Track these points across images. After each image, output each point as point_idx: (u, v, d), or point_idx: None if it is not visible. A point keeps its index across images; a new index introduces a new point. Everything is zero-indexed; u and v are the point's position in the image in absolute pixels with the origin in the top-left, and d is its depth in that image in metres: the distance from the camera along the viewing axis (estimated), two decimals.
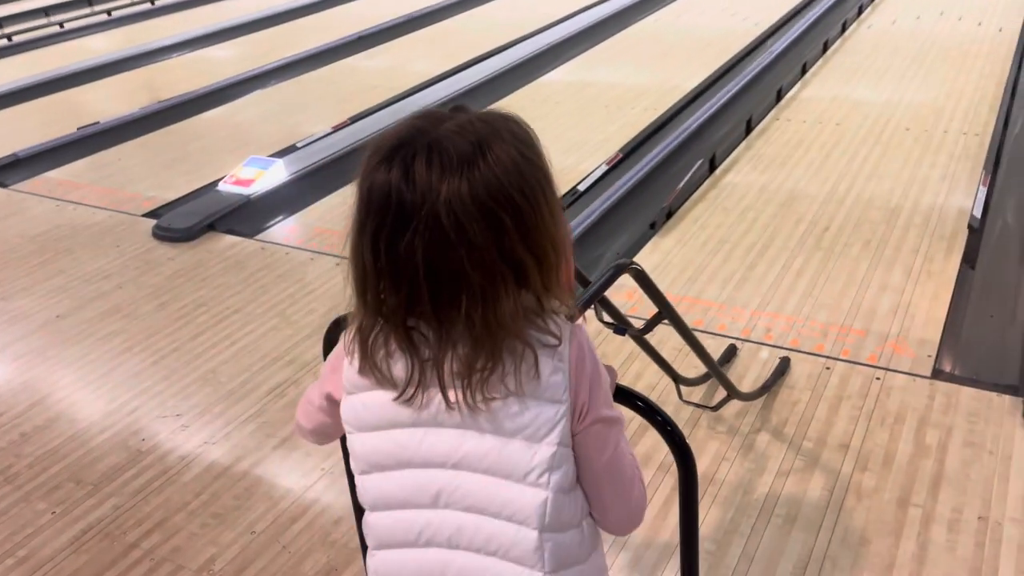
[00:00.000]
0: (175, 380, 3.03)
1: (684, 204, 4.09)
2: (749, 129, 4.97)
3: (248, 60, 7.43)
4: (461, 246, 0.93)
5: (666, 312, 2.11)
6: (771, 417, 2.60)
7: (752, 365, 2.85)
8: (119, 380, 3.05)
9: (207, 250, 4.03)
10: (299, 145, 5.29)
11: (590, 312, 1.81)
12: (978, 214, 3.63)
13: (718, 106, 5.41)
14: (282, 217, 4.37)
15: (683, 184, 4.17)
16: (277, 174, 4.72)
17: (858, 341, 2.95)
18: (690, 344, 2.33)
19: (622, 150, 4.75)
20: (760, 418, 2.61)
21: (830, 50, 6.45)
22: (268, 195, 4.56)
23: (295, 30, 8.74)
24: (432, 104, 5.79)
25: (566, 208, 3.93)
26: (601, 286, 1.74)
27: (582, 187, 4.35)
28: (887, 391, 2.69)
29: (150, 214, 4.47)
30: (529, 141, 0.99)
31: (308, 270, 3.77)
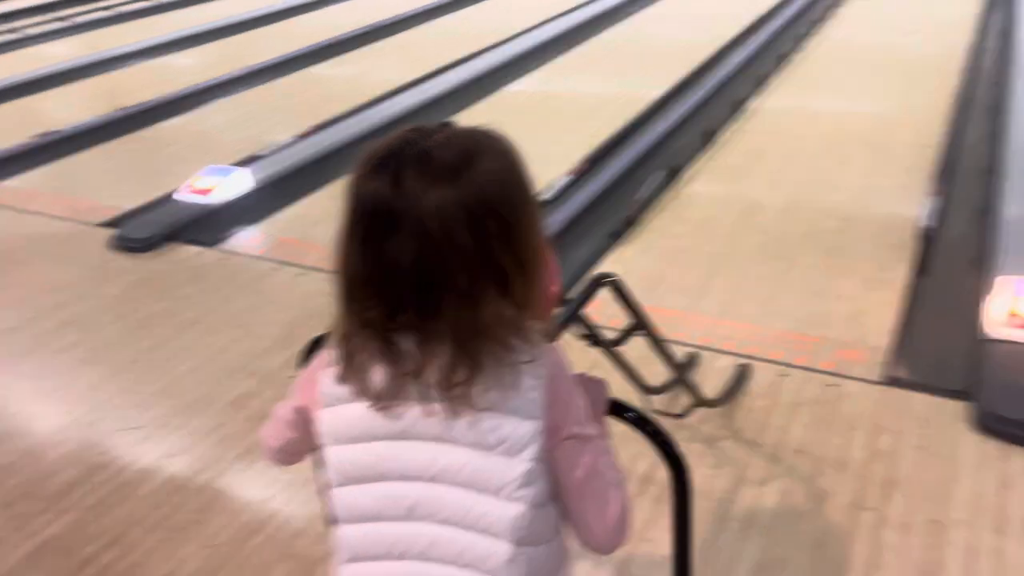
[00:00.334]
0: (134, 392, 2.99)
1: (645, 214, 4.14)
2: (709, 140, 5.06)
3: (211, 68, 7.37)
4: (447, 251, 0.96)
5: (642, 323, 2.12)
6: (729, 423, 2.65)
7: (711, 373, 2.90)
8: (76, 393, 3.01)
9: (167, 260, 3.99)
10: (262, 154, 5.26)
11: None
12: (929, 223, 3.73)
13: (679, 117, 5.49)
14: (244, 227, 4.34)
15: (644, 194, 4.23)
16: (238, 183, 4.68)
17: (814, 348, 3.02)
18: (662, 355, 2.34)
19: (584, 160, 4.80)
20: (718, 424, 2.65)
21: (788, 63, 6.59)
22: (230, 204, 4.53)
23: (259, 38, 8.69)
24: (398, 113, 5.81)
25: None
26: (581, 301, 1.73)
27: (545, 197, 4.39)
28: (841, 397, 2.75)
29: (109, 224, 4.41)
30: (513, 155, 1.04)
31: (271, 280, 3.75)
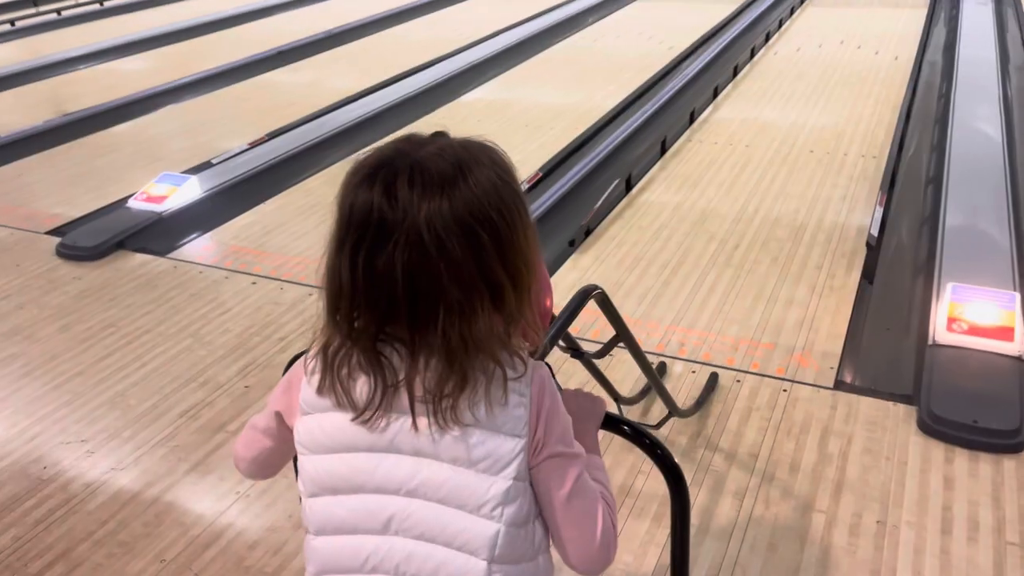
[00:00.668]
0: (79, 404, 2.91)
1: (602, 222, 4.18)
2: (664, 150, 5.13)
3: (160, 73, 7.24)
4: (441, 261, 0.95)
5: (623, 336, 2.12)
6: (684, 429, 2.68)
7: (666, 379, 2.93)
8: (18, 405, 2.92)
9: (115, 269, 3.90)
10: (214, 161, 5.17)
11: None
12: (875, 232, 3.83)
13: (634, 127, 5.56)
14: (196, 235, 4.26)
15: (601, 203, 4.26)
16: (191, 191, 4.60)
17: (766, 354, 3.07)
18: (641, 365, 2.35)
19: (542, 169, 4.83)
20: (673, 430, 2.68)
21: (740, 75, 6.72)
22: (181, 212, 4.44)
23: (209, 44, 8.57)
24: (353, 121, 5.77)
25: None
26: (570, 315, 1.72)
27: None
28: (793, 402, 2.80)
29: (54, 232, 4.29)
30: (506, 167, 1.03)
31: (223, 289, 3.69)
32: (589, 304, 1.90)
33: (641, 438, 1.31)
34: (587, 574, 1.08)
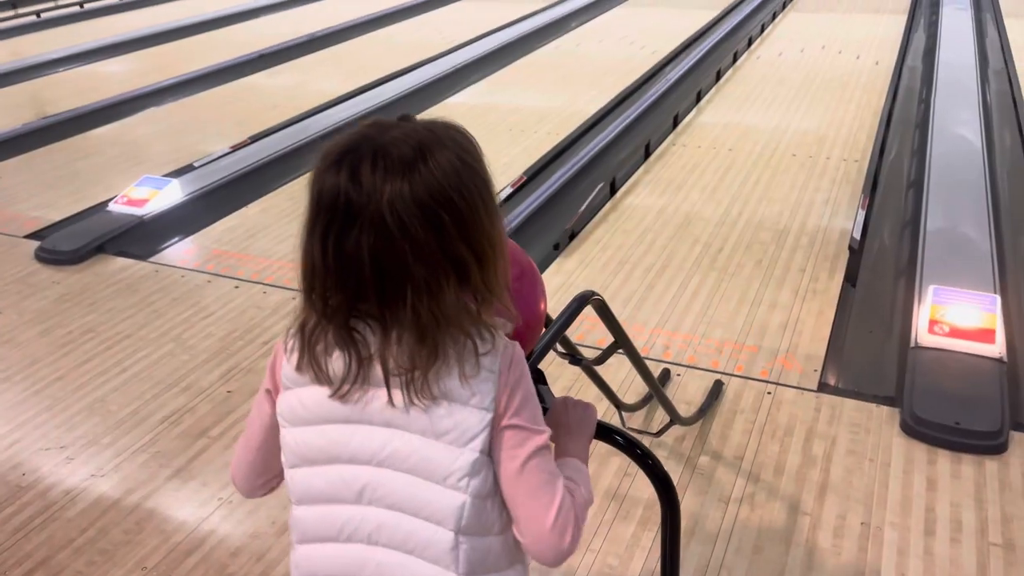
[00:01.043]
0: (59, 410, 2.87)
1: (586, 226, 4.18)
2: (648, 153, 5.14)
3: (141, 76, 7.19)
4: (404, 242, 0.98)
5: (622, 342, 2.12)
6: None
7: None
8: None
9: (96, 273, 3.85)
10: (196, 164, 5.14)
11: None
12: (857, 235, 3.86)
13: (618, 131, 5.57)
14: (178, 238, 4.22)
15: (585, 206, 4.27)
16: (173, 194, 4.56)
17: (750, 357, 3.08)
18: (641, 372, 2.34)
19: (526, 173, 4.83)
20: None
21: (723, 79, 6.76)
22: (163, 215, 4.41)
23: (192, 46, 8.51)
24: (336, 124, 5.74)
25: None
26: (567, 320, 1.70)
27: None
28: (777, 404, 2.81)
29: (33, 235, 4.24)
30: (470, 148, 1.06)
31: (205, 293, 3.66)
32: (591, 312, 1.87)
33: (633, 448, 1.30)
34: (544, 561, 1.07)
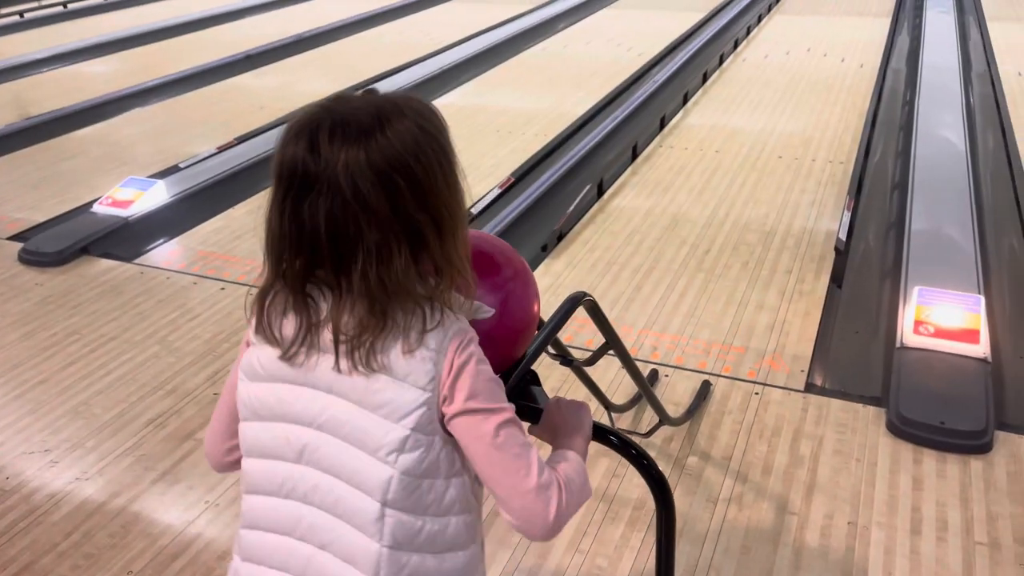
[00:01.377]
0: (43, 413, 2.85)
1: (574, 227, 4.19)
2: (635, 155, 5.15)
3: (126, 77, 7.14)
4: (357, 209, 1.00)
5: (613, 343, 2.11)
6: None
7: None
8: None
9: (80, 275, 3.82)
10: (182, 165, 5.10)
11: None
12: (844, 237, 3.88)
13: (605, 132, 5.58)
14: (163, 240, 4.19)
15: (573, 208, 4.27)
16: (158, 195, 4.53)
17: (738, 358, 3.09)
18: (632, 373, 2.34)
19: (514, 174, 4.83)
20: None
21: (709, 81, 6.78)
22: (148, 217, 4.38)
23: (177, 47, 8.46)
24: None
25: None
26: (559, 322, 1.70)
27: (475, 210, 4.39)
28: (765, 405, 2.82)
29: (16, 237, 4.20)
30: (431, 116, 1.07)
31: (191, 295, 3.63)
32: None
33: (628, 449, 1.31)
34: (529, 533, 1.06)
